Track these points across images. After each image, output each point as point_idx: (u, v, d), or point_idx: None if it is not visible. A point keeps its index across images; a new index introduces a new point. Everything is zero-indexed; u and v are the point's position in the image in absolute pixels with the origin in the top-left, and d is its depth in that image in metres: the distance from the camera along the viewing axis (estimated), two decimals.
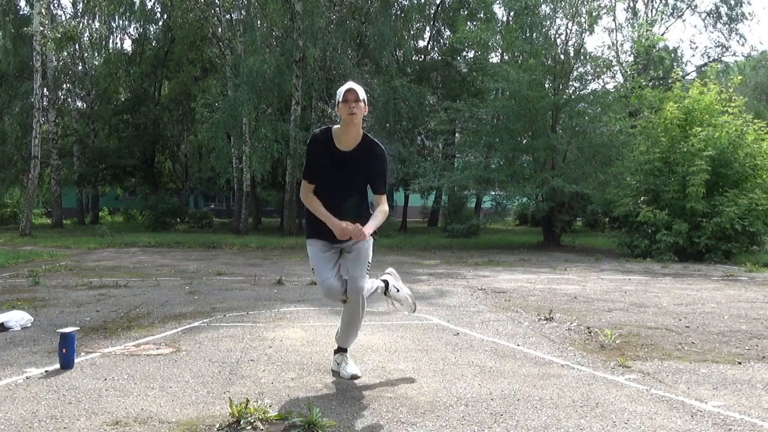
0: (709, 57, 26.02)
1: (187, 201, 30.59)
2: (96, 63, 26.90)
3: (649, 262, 11.55)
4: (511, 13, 20.21)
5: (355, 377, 3.36)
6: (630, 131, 14.95)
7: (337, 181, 3.25)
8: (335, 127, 3.25)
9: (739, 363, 3.71)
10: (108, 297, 6.31)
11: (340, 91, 3.15)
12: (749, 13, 30.39)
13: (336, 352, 3.51)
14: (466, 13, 23.99)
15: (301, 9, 17.92)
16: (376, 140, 3.31)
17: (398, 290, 3.58)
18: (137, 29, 27.66)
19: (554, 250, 15.11)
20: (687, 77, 23.96)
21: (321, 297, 3.49)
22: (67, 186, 26.10)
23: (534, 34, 17.14)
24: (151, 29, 27.74)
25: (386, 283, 3.55)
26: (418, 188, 20.26)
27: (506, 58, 19.08)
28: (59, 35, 19.71)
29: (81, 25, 24.65)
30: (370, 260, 3.33)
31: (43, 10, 18.51)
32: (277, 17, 19.22)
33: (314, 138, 3.27)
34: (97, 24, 25.44)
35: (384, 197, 3.32)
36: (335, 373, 3.44)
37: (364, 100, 3.15)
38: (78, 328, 4.00)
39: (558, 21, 17.01)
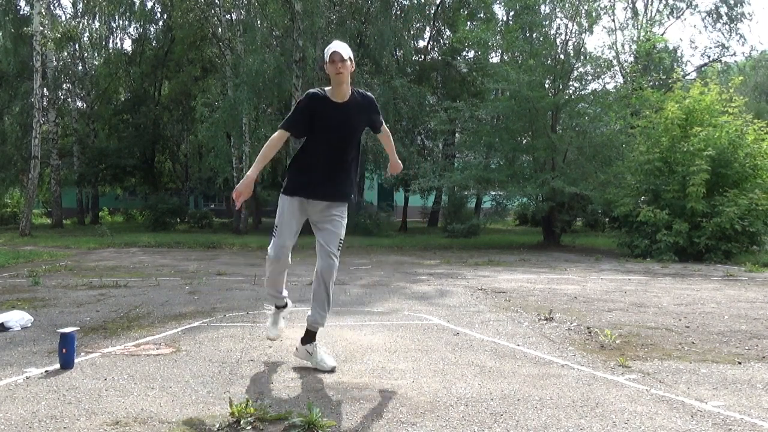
0: (708, 57, 25.98)
1: (187, 201, 30.57)
2: (96, 63, 26.89)
3: (649, 262, 11.55)
4: (511, 13, 20.21)
5: (334, 370, 3.43)
6: (630, 131, 14.95)
7: (338, 133, 3.44)
8: (326, 87, 3.48)
9: (739, 363, 3.71)
10: (108, 297, 6.31)
11: (327, 51, 3.36)
12: (749, 13, 30.22)
13: (305, 342, 3.52)
14: (466, 13, 23.97)
15: (301, 9, 17.91)
16: (361, 90, 3.57)
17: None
18: (137, 29, 27.65)
19: (554, 250, 15.11)
20: (687, 77, 23.95)
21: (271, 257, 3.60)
22: (67, 186, 26.08)
23: (534, 34, 17.14)
24: (151, 29, 27.73)
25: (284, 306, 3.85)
26: (418, 188, 20.26)
27: (506, 58, 19.08)
28: (59, 35, 19.71)
29: (81, 25, 24.66)
30: (342, 237, 3.54)
31: (43, 10, 18.51)
32: (277, 17, 19.21)
33: (313, 94, 3.44)
34: (97, 24, 25.43)
35: (384, 127, 3.73)
36: (305, 366, 3.52)
37: (350, 58, 3.36)
38: (78, 328, 4.00)
39: (558, 21, 17.03)
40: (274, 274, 3.64)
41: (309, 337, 3.53)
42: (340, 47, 3.33)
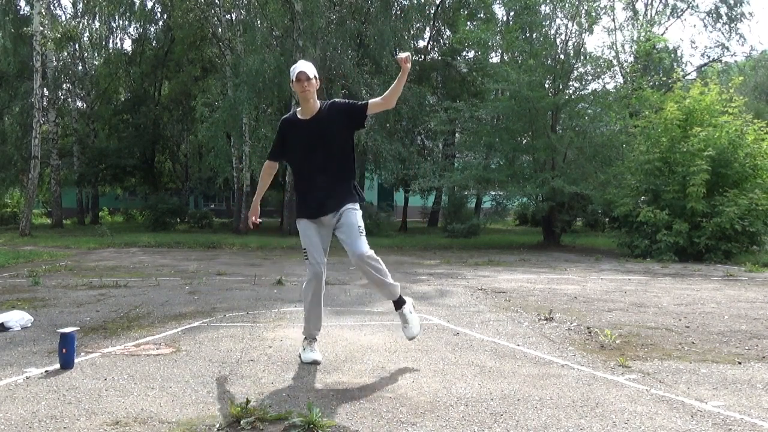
0: (708, 57, 26.00)
1: (187, 201, 30.57)
2: (96, 63, 26.90)
3: (649, 262, 11.55)
4: (511, 13, 20.20)
5: (412, 337, 3.78)
6: (630, 131, 14.96)
7: (309, 147, 3.61)
8: (298, 108, 3.74)
9: (739, 363, 3.71)
10: (108, 297, 6.31)
11: (293, 71, 3.58)
12: (749, 13, 30.24)
13: (397, 307, 3.76)
14: (466, 13, 23.97)
15: (301, 9, 17.91)
16: (328, 100, 3.74)
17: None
18: (137, 29, 27.67)
19: (554, 250, 15.11)
20: (687, 77, 23.95)
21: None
22: (67, 186, 26.08)
23: (534, 34, 17.14)
24: (151, 29, 27.74)
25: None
26: (418, 188, 20.25)
27: (506, 58, 19.08)
28: (59, 35, 19.71)
29: (81, 25, 24.67)
30: (360, 224, 3.59)
31: (43, 10, 18.51)
32: (277, 17, 19.21)
33: (284, 119, 3.79)
34: (97, 24, 25.44)
35: (368, 102, 3.64)
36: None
37: (315, 76, 3.58)
38: (78, 328, 4.00)
39: (558, 21, 17.03)
40: (311, 294, 3.62)
41: (398, 304, 3.75)
42: (306, 67, 3.57)
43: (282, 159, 3.87)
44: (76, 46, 24.49)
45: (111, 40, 27.10)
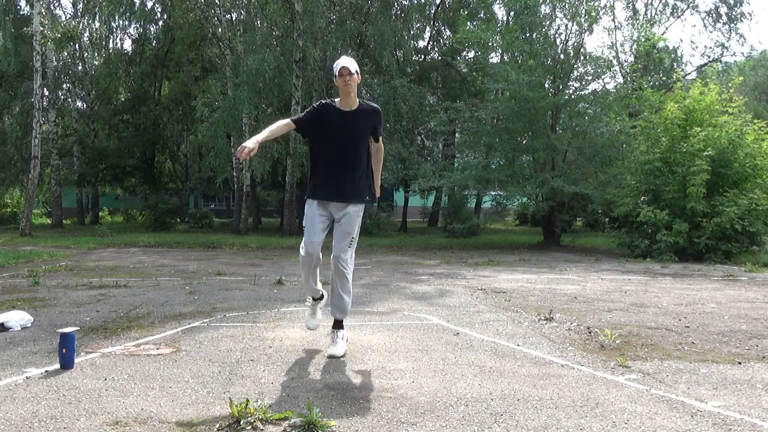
0: (708, 57, 25.98)
1: (187, 201, 30.58)
2: (96, 63, 26.90)
3: (649, 262, 11.55)
4: (511, 13, 20.21)
5: (333, 357, 3.78)
6: (630, 131, 14.95)
7: (344, 137, 3.80)
8: (336, 99, 3.91)
9: (739, 363, 3.71)
10: (108, 297, 6.31)
11: (336, 66, 3.76)
12: (749, 13, 30.30)
13: (333, 327, 4.01)
14: (466, 13, 23.98)
15: (301, 9, 17.91)
16: (369, 102, 3.99)
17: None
18: (137, 29, 27.64)
19: (554, 250, 15.10)
20: (687, 77, 23.94)
21: (302, 258, 3.97)
22: (67, 186, 26.10)
23: (534, 34, 17.13)
24: (151, 29, 27.72)
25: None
26: (418, 188, 20.23)
27: (506, 58, 19.07)
28: (59, 35, 19.72)
29: (81, 25, 24.65)
30: (354, 235, 3.89)
31: (43, 10, 18.53)
32: (277, 17, 19.21)
33: (325, 102, 3.93)
34: (97, 24, 25.43)
35: (380, 141, 4.02)
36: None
37: (357, 71, 3.77)
38: (78, 328, 4.00)
39: (558, 21, 17.03)
40: (305, 269, 3.93)
41: (338, 325, 3.99)
42: (349, 62, 3.75)
43: (302, 131, 4.01)
44: (76, 46, 24.49)
45: (111, 40, 27.11)
